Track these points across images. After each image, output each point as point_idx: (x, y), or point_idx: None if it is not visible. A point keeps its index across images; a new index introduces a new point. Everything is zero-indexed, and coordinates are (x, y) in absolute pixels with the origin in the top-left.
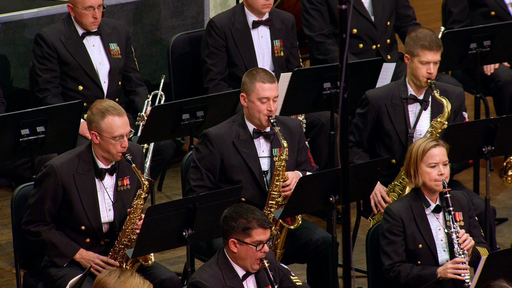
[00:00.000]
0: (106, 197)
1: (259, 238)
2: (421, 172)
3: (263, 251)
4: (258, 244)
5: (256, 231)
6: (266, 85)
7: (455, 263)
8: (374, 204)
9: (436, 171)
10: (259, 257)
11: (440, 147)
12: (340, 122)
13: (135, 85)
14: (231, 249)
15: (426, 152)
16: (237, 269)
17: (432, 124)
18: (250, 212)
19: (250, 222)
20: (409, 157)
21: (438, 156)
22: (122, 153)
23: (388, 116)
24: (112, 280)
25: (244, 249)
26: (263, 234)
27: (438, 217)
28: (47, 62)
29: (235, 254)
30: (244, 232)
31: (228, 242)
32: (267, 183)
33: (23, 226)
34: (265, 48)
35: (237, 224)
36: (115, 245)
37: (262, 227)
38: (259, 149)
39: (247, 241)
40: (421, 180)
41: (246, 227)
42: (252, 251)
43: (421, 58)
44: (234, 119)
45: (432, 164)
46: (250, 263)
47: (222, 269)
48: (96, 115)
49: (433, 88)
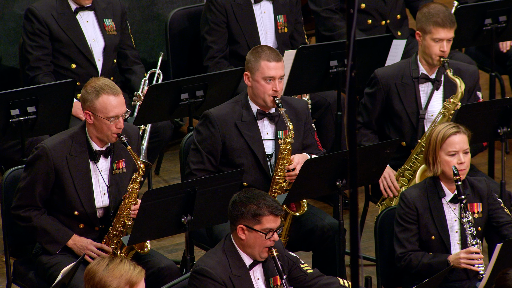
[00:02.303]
0: (101, 181)
1: (269, 225)
2: (440, 160)
3: (273, 239)
4: (268, 232)
5: (267, 218)
6: (272, 63)
7: (469, 253)
8: (384, 188)
9: (456, 159)
10: (268, 246)
11: (461, 134)
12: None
13: (131, 63)
14: (239, 235)
15: (446, 139)
16: (244, 258)
17: (445, 105)
18: (261, 197)
19: (261, 208)
20: (428, 144)
21: (458, 144)
22: (117, 134)
23: (398, 96)
24: (100, 268)
25: (252, 236)
26: (274, 221)
27: (455, 208)
28: (38, 39)
29: (242, 242)
30: (254, 219)
31: (236, 228)
32: (271, 167)
33: (13, 211)
34: (268, 24)
35: (247, 210)
36: (109, 231)
37: (273, 214)
38: (263, 131)
39: (256, 228)
40: (440, 168)
41: (256, 214)
42: (261, 239)
43: (433, 35)
44: (237, 100)
45: (451, 152)
46: (258, 251)
47: (229, 257)
48: (90, 93)
49: (446, 67)
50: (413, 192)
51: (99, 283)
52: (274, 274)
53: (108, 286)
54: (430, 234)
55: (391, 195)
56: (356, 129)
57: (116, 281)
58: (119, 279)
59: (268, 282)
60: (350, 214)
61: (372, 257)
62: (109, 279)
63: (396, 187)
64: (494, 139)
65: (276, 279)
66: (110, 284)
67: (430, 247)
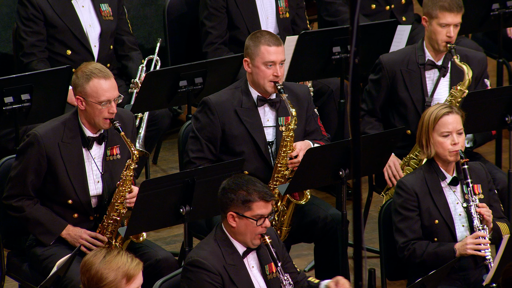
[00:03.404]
0: (94, 168)
1: (260, 211)
2: (433, 141)
3: (264, 226)
4: (259, 218)
5: (257, 204)
6: (272, 48)
7: (475, 237)
8: (388, 177)
9: (449, 140)
10: (259, 233)
11: (454, 114)
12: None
13: (128, 49)
14: (230, 223)
15: (438, 120)
16: (236, 246)
17: (452, 92)
18: (251, 183)
19: (250, 194)
20: (421, 126)
21: (451, 124)
22: (110, 120)
23: (404, 83)
24: (97, 260)
25: (243, 223)
26: (265, 207)
27: (456, 190)
28: (33, 24)
29: (233, 229)
30: (244, 205)
31: (226, 216)
32: (273, 155)
33: (5, 201)
34: (269, 9)
35: (237, 196)
36: (103, 220)
37: (264, 200)
38: (263, 118)
39: (247, 215)
40: (433, 150)
41: (246, 200)
42: (252, 225)
43: (440, 20)
44: (236, 86)
45: (444, 133)
46: (250, 239)
47: (221, 246)
48: (80, 78)
49: (453, 53)
50: (411, 178)
51: (96, 276)
52: (268, 261)
53: (104, 279)
54: (433, 219)
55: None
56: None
57: (113, 274)
58: (116, 271)
59: (264, 269)
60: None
61: (376, 249)
62: (106, 271)
63: (401, 176)
64: (502, 127)
65: (271, 266)
66: (107, 277)
67: (435, 232)
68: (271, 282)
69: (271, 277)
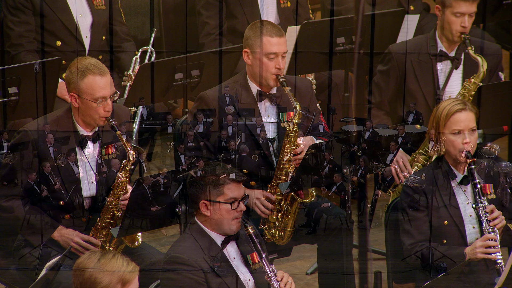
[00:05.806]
0: (88, 168)
1: (233, 194)
2: (444, 139)
3: (239, 209)
4: (232, 202)
5: (229, 186)
6: (273, 39)
7: (485, 239)
8: (396, 173)
9: (460, 138)
10: (235, 217)
11: (467, 112)
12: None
13: (121, 40)
14: (204, 213)
15: (450, 117)
16: (214, 237)
17: (465, 85)
18: (219, 166)
19: (220, 177)
20: (432, 121)
21: (463, 122)
22: (105, 118)
23: (414, 74)
24: (91, 263)
25: (217, 209)
26: (237, 189)
27: (466, 189)
28: (21, 14)
29: (209, 219)
30: (216, 190)
31: (199, 207)
32: (274, 152)
33: None
34: None
35: (206, 183)
36: (97, 223)
37: (235, 181)
38: (264, 114)
39: (220, 200)
40: (444, 148)
41: (217, 184)
42: (226, 210)
43: (454, 9)
44: (235, 80)
45: (455, 130)
46: (227, 225)
47: (198, 239)
48: (75, 74)
49: (468, 44)
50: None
51: (89, 280)
52: (250, 251)
53: (98, 283)
54: (442, 219)
55: (403, 181)
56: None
57: (107, 278)
58: (111, 276)
59: (246, 260)
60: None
61: (382, 251)
62: (100, 275)
63: (410, 172)
64: None
65: (253, 256)
66: (101, 281)
67: (444, 233)
68: (256, 272)
69: (255, 268)
